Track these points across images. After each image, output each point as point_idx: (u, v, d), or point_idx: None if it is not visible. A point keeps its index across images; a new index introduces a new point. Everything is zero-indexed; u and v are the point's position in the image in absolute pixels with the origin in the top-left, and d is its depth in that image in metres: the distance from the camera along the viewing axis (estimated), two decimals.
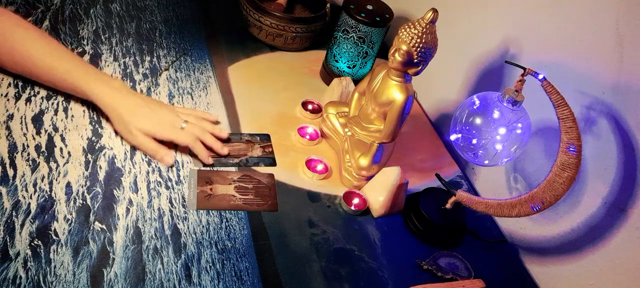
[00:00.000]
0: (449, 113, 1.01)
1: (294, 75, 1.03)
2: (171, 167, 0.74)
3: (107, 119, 0.77)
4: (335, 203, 0.80)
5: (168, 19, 1.05)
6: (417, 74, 0.74)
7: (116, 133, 0.76)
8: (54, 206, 0.65)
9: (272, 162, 0.82)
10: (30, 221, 0.62)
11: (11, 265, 0.57)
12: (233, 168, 0.78)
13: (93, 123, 0.77)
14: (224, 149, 0.79)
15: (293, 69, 1.05)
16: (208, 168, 0.77)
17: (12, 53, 0.73)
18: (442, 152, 0.98)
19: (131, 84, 0.86)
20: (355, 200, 0.79)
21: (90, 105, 0.79)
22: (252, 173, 0.79)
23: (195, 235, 0.68)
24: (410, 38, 0.70)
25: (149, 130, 0.74)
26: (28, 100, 0.76)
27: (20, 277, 0.57)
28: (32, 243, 0.60)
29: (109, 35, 0.94)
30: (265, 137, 0.85)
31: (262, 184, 0.78)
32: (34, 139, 0.71)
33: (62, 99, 0.78)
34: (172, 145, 0.77)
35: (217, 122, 0.84)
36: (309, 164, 0.83)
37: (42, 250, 0.60)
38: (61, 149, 0.72)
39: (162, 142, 0.75)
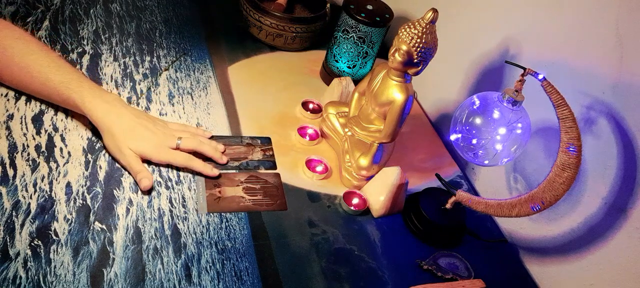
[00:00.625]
0: (449, 113, 1.01)
1: (294, 75, 1.03)
2: (149, 192, 0.70)
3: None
4: (335, 203, 0.80)
5: (168, 19, 1.05)
6: (417, 74, 0.74)
7: (104, 147, 0.74)
8: (54, 206, 0.65)
9: (273, 165, 0.82)
10: (30, 221, 0.62)
11: (11, 265, 0.57)
12: (233, 171, 0.78)
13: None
14: (223, 158, 0.78)
15: (293, 69, 1.05)
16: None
17: (10, 66, 0.72)
18: (442, 152, 0.98)
19: (131, 83, 0.86)
20: (355, 200, 0.79)
21: None
22: (258, 174, 0.79)
23: (195, 235, 0.68)
24: (410, 38, 0.70)
25: (144, 152, 0.72)
26: (28, 100, 0.76)
27: (20, 277, 0.57)
28: (32, 243, 0.60)
29: (109, 35, 0.94)
30: (266, 140, 0.85)
31: (269, 184, 0.78)
32: (34, 139, 0.71)
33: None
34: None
35: (211, 138, 0.82)
36: (309, 164, 0.83)
37: (42, 250, 0.60)
38: (61, 149, 0.72)
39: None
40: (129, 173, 0.72)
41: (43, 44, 0.76)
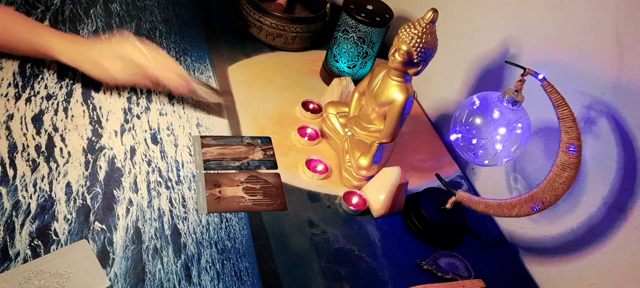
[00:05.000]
0: (449, 113, 1.01)
1: (294, 75, 1.03)
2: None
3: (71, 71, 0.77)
4: (335, 203, 0.80)
5: (168, 19, 1.05)
6: (417, 74, 0.74)
7: (96, 81, 0.77)
8: (54, 206, 0.65)
9: (273, 165, 0.82)
10: (30, 221, 0.62)
11: (11, 265, 0.57)
12: (234, 171, 0.78)
13: (93, 123, 0.77)
14: (191, 85, 0.80)
15: (293, 69, 1.05)
16: (213, 171, 0.77)
17: None
18: (442, 152, 0.98)
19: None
20: (355, 200, 0.79)
21: (90, 105, 0.79)
22: (258, 173, 0.79)
23: (195, 235, 0.68)
24: (410, 38, 0.70)
25: (137, 56, 0.75)
26: (28, 100, 0.76)
27: None
28: (32, 243, 0.60)
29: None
30: (267, 140, 0.85)
31: (269, 184, 0.78)
32: (34, 138, 0.71)
33: (62, 99, 0.78)
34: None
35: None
36: (309, 164, 0.83)
37: (42, 250, 0.60)
38: (61, 149, 0.72)
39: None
40: (142, 86, 0.77)
41: None
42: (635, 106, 0.66)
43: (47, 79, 0.80)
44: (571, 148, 0.64)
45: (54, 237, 0.61)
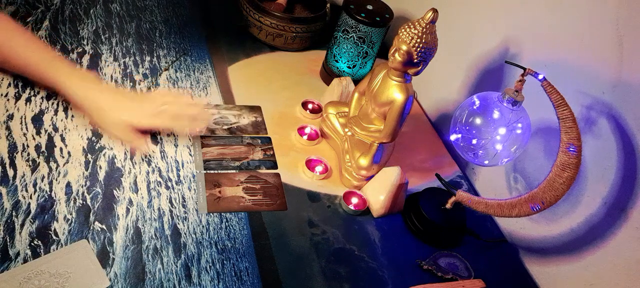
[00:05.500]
0: (449, 113, 1.01)
1: (294, 75, 1.03)
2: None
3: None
4: (335, 203, 0.80)
5: (168, 19, 1.05)
6: (417, 74, 0.74)
7: (91, 125, 0.76)
8: (54, 206, 0.65)
9: (273, 165, 0.82)
10: (30, 221, 0.62)
11: (11, 265, 0.57)
12: (234, 171, 0.78)
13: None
14: (208, 113, 0.84)
15: (293, 69, 1.05)
16: (213, 171, 0.77)
17: None
18: (442, 152, 0.98)
19: (131, 84, 0.86)
20: (355, 200, 0.79)
21: None
22: (258, 173, 0.79)
23: (195, 235, 0.68)
24: (410, 38, 0.70)
25: (129, 121, 0.74)
26: (28, 100, 0.76)
27: None
28: (32, 243, 0.60)
29: (109, 35, 0.94)
30: (267, 140, 0.85)
31: (269, 184, 0.78)
32: (34, 138, 0.71)
33: (62, 98, 0.78)
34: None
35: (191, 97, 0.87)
36: (309, 164, 0.83)
37: (42, 250, 0.60)
38: (61, 149, 0.72)
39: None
40: (123, 143, 0.75)
41: (16, 23, 0.76)
42: (635, 106, 0.66)
43: None
44: (571, 149, 0.64)
45: (54, 237, 0.61)
